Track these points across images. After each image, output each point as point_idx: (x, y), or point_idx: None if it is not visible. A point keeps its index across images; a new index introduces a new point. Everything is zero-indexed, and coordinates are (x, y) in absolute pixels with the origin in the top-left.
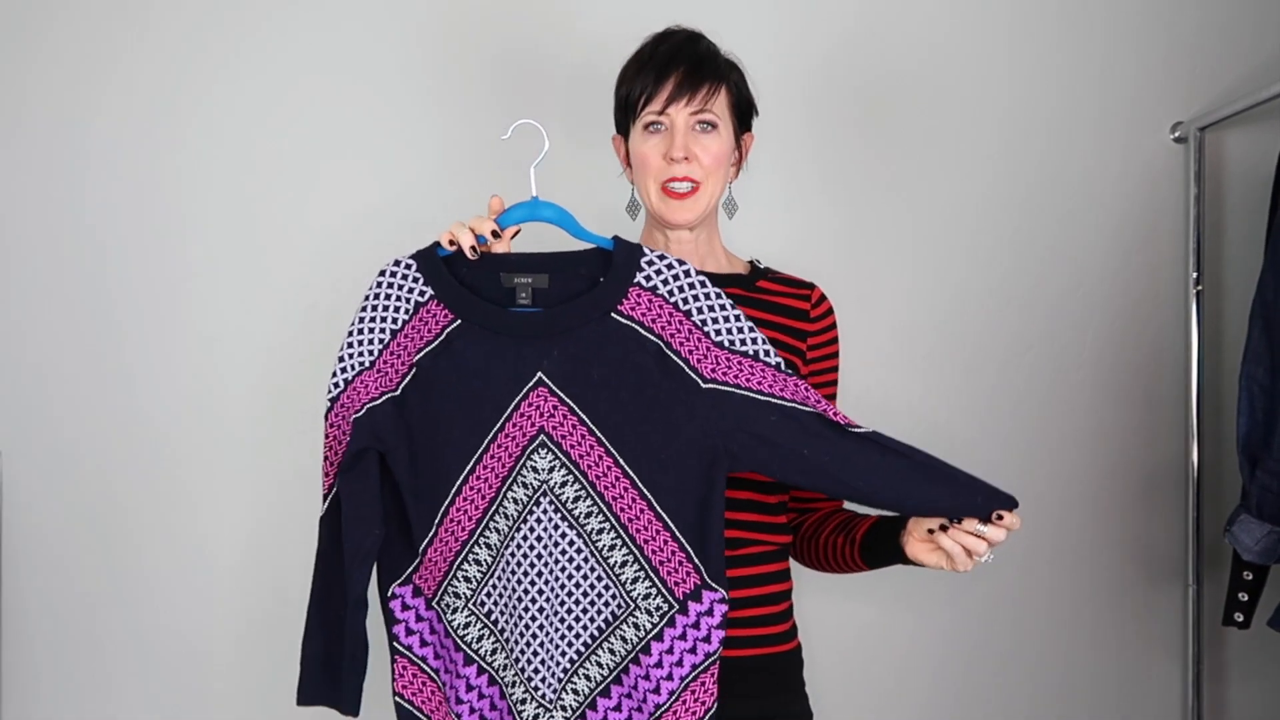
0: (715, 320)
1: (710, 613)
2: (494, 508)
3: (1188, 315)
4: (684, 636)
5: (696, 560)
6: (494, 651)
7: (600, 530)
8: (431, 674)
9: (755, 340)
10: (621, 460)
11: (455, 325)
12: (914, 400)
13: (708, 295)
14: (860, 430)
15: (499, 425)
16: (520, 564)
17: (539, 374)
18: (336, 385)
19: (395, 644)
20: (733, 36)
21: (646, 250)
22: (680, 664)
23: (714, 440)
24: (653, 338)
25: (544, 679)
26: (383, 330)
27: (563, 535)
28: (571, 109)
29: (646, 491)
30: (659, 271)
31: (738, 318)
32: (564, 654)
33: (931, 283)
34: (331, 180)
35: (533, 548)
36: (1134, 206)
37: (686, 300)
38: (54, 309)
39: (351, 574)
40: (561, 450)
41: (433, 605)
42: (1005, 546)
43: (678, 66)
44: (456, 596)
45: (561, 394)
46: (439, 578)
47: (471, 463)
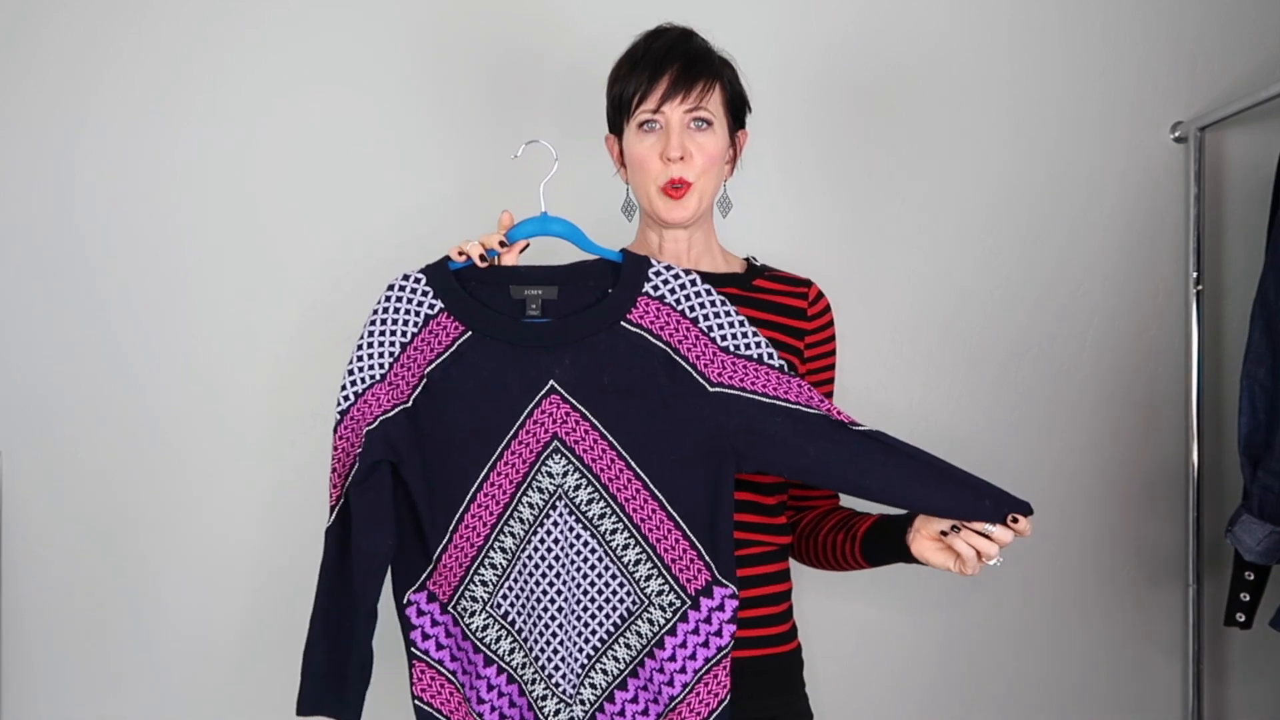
0: (720, 326)
1: (721, 608)
2: (509, 513)
3: (1188, 315)
4: (696, 631)
5: (707, 557)
6: (512, 651)
7: (614, 531)
8: (449, 676)
9: (759, 344)
10: (633, 463)
11: (466, 337)
12: (914, 400)
13: (713, 303)
14: (863, 429)
15: (513, 432)
16: (538, 566)
17: (551, 382)
18: (346, 398)
19: (412, 649)
20: (734, 34)
21: (654, 261)
22: (693, 657)
23: (722, 441)
24: (661, 344)
25: (564, 675)
26: (392, 343)
27: (577, 537)
28: (567, 110)
29: (658, 492)
30: (666, 281)
31: (741, 323)
32: (581, 650)
33: (932, 282)
34: (331, 180)
35: (550, 550)
36: (1134, 206)
37: (693, 308)
38: (54, 309)
39: (363, 584)
40: (575, 455)
41: (448, 610)
42: (1006, 546)
43: (671, 64)
44: (473, 600)
45: (574, 400)
46: (454, 583)
47: (486, 469)
